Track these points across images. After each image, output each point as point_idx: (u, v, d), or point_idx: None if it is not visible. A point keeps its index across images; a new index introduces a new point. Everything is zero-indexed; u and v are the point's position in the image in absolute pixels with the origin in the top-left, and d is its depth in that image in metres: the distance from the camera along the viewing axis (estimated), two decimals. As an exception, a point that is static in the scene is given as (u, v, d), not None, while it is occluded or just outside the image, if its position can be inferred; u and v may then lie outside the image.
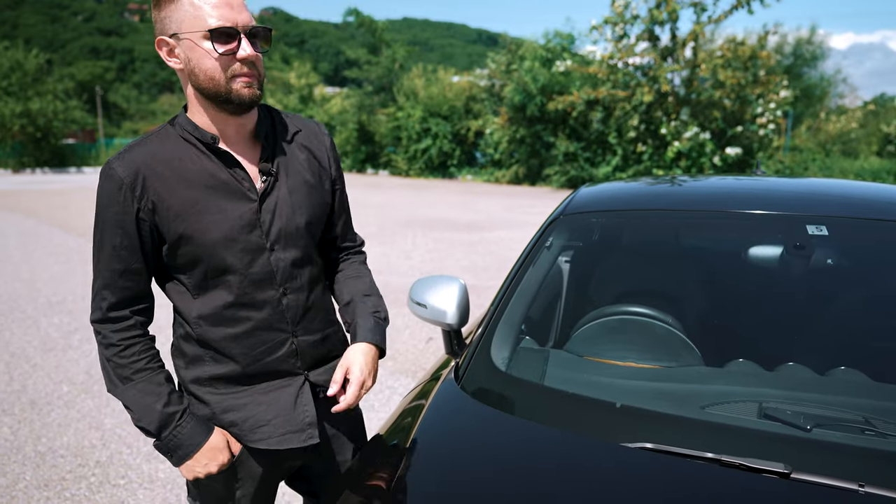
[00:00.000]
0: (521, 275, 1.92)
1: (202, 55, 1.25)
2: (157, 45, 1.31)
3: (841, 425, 1.32)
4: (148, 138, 1.35)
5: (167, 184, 1.30)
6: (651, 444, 1.28)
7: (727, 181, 2.28)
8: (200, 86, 1.29)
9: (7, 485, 2.99)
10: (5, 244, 9.38)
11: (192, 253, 1.33)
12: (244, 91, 1.28)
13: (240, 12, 1.26)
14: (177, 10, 1.25)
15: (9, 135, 27.01)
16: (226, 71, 1.26)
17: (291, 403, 1.42)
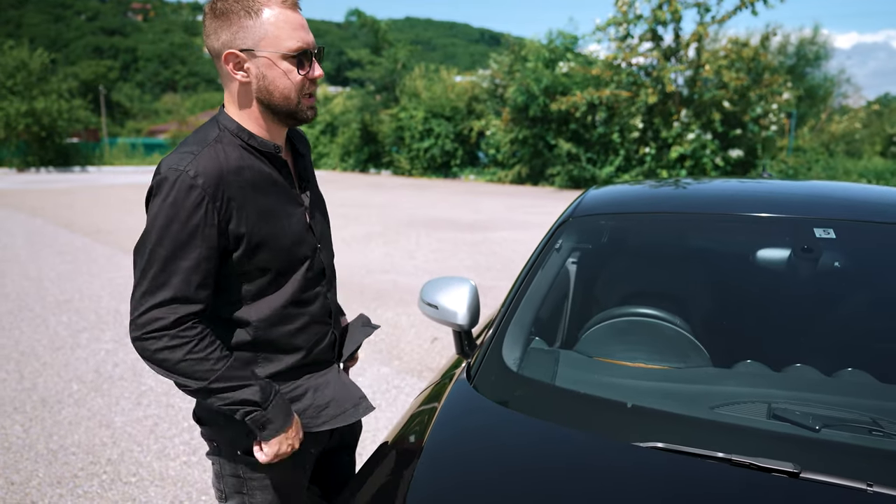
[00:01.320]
0: (531, 277, 1.94)
1: (280, 74, 1.29)
2: (223, 57, 1.28)
3: (849, 426, 1.35)
4: (209, 145, 1.31)
5: (243, 192, 1.30)
6: (662, 444, 1.31)
7: (734, 184, 2.31)
8: (272, 102, 1.32)
9: (21, 482, 3.03)
10: (12, 243, 9.43)
11: (267, 258, 1.35)
12: (310, 111, 1.37)
13: (309, 33, 1.32)
14: (255, 27, 1.26)
15: (14, 134, 27.10)
16: (300, 91, 1.33)
17: (341, 384, 1.52)
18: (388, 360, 4.67)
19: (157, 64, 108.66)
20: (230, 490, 1.49)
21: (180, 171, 1.25)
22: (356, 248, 9.05)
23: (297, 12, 1.31)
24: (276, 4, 1.28)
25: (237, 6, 1.26)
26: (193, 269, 1.26)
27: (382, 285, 6.90)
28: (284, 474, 1.47)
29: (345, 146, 27.22)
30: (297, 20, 1.30)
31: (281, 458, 1.39)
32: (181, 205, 1.24)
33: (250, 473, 1.45)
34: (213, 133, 1.34)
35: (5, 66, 27.31)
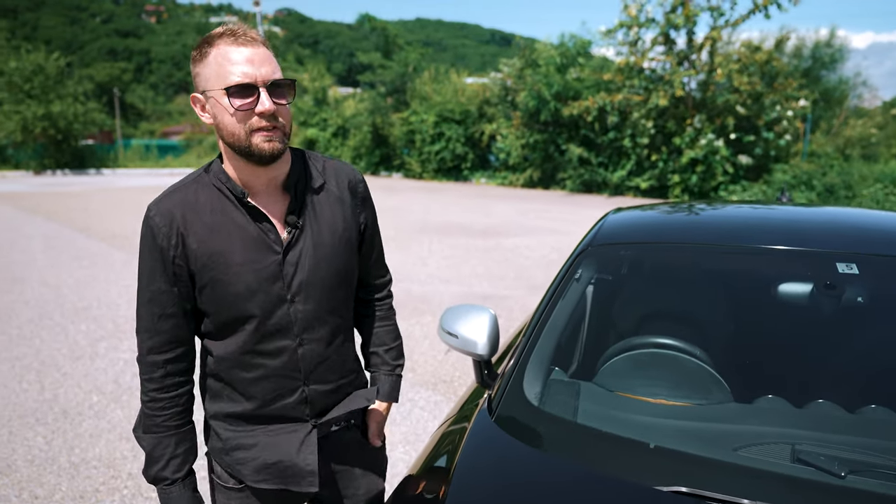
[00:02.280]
0: (551, 307, 1.96)
1: (222, 111, 1.30)
2: (192, 101, 1.37)
3: (875, 471, 1.35)
4: (185, 185, 1.41)
5: (198, 234, 1.36)
6: (686, 488, 1.32)
7: (755, 211, 2.31)
8: (225, 140, 1.34)
9: (45, 496, 3.08)
10: (29, 247, 9.55)
11: (216, 300, 1.39)
12: (264, 145, 1.30)
13: (260, 66, 1.28)
14: (205, 67, 1.31)
15: (31, 137, 27.42)
16: (245, 125, 1.29)
17: (296, 450, 1.46)
18: (403, 372, 4.69)
19: (170, 65, 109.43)
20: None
21: (148, 209, 1.39)
22: (369, 255, 9.08)
23: (246, 49, 1.28)
24: (224, 43, 1.29)
25: (196, 52, 1.32)
26: (152, 301, 1.39)
27: (396, 294, 6.87)
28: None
29: (356, 149, 27.30)
30: (240, 56, 1.28)
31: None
32: (143, 241, 1.39)
33: (217, 495, 1.56)
34: (198, 173, 1.43)
35: (23, 70, 27.63)
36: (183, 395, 1.46)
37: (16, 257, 8.82)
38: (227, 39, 1.28)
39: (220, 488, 1.53)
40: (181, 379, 1.45)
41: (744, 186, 16.57)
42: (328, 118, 28.86)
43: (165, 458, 1.43)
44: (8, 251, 9.25)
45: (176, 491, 1.43)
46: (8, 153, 28.46)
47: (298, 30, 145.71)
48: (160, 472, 1.43)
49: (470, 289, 7.27)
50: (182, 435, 1.45)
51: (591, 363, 1.98)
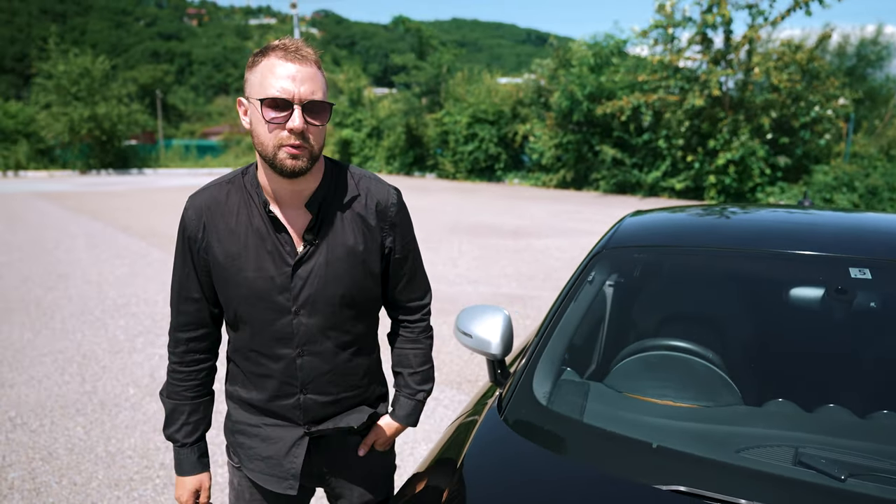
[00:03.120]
0: (563, 309, 1.99)
1: (258, 120, 1.34)
2: (237, 103, 1.42)
3: (876, 476, 1.35)
4: (220, 184, 1.49)
5: (220, 233, 1.44)
6: (684, 488, 1.35)
7: (772, 215, 2.30)
8: (256, 148, 1.38)
9: (82, 483, 3.23)
10: (74, 245, 9.91)
11: (226, 298, 1.48)
12: (287, 161, 1.33)
13: (300, 84, 1.30)
14: (252, 75, 1.36)
15: (77, 138, 28.38)
16: (274, 138, 1.32)
17: (285, 451, 1.52)
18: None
19: (211, 67, 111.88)
20: None
21: (187, 202, 1.49)
22: (399, 255, 9.18)
23: (296, 63, 1.31)
24: (275, 55, 1.32)
25: (250, 61, 1.38)
26: (180, 284, 1.51)
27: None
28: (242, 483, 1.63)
29: (390, 149, 27.52)
30: (284, 71, 1.30)
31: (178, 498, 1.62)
32: (179, 230, 1.50)
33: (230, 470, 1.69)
34: (235, 174, 1.51)
35: (70, 73, 28.61)
36: (202, 371, 1.58)
37: (61, 255, 9.17)
38: (279, 52, 1.32)
39: (229, 462, 1.67)
40: (201, 356, 1.57)
41: (782, 188, 16.20)
42: (363, 119, 29.15)
43: (179, 422, 1.57)
44: (53, 249, 9.63)
45: (185, 453, 1.58)
46: (56, 153, 29.49)
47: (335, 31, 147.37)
48: (174, 433, 1.58)
49: (498, 289, 7.31)
50: (196, 405, 1.58)
51: (602, 364, 2.01)
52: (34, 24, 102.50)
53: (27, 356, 5.02)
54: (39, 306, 6.44)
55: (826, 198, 15.05)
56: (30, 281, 7.52)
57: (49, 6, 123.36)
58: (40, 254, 9.21)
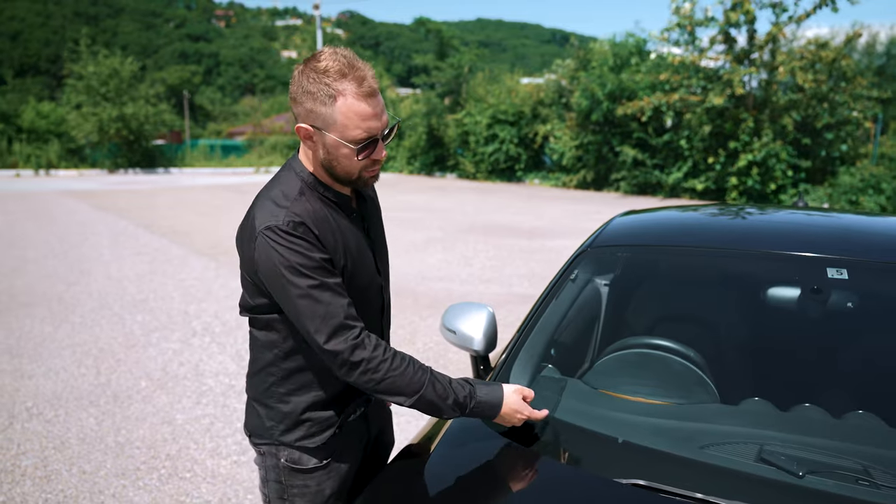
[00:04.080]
0: (544, 307, 2.02)
1: (343, 155, 1.41)
2: (296, 128, 1.43)
3: (836, 473, 1.36)
4: (296, 199, 1.45)
5: (328, 236, 1.46)
6: (644, 482, 1.37)
7: (760, 216, 2.30)
8: (334, 173, 1.46)
9: (91, 472, 3.34)
10: (98, 242, 10.16)
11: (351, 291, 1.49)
12: (370, 181, 1.50)
13: (381, 117, 1.40)
14: (327, 113, 1.37)
15: (106, 138, 28.98)
16: (360, 166, 1.44)
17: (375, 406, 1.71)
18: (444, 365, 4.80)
19: (238, 68, 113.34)
20: (273, 495, 1.63)
21: (280, 222, 1.40)
22: (414, 255, 9.24)
23: (371, 100, 1.37)
24: (351, 95, 1.35)
25: (318, 91, 1.37)
26: (338, 293, 1.42)
27: (437, 293, 7.05)
28: (322, 483, 1.60)
29: (411, 149, 27.63)
30: (367, 111, 1.37)
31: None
32: (300, 247, 1.39)
33: (291, 480, 1.59)
34: (296, 190, 1.47)
35: (100, 74, 29.23)
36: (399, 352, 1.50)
37: (85, 252, 9.41)
38: (352, 87, 1.35)
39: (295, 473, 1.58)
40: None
41: (806, 190, 15.93)
42: (384, 119, 29.20)
43: (445, 383, 1.46)
44: (79, 246, 9.88)
45: (477, 394, 1.48)
46: (86, 153, 30.16)
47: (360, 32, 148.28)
48: (457, 397, 1.45)
49: (510, 289, 7.32)
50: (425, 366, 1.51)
51: (582, 362, 2.03)
52: (68, 26, 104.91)
53: (47, 349, 5.18)
54: (61, 301, 6.63)
55: (852, 200, 14.76)
56: (53, 276, 7.74)
57: (82, 9, 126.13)
58: (66, 250, 9.45)
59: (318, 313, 1.38)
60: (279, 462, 1.59)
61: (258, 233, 1.40)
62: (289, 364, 1.54)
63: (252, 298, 1.52)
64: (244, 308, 1.57)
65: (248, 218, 1.48)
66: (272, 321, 1.52)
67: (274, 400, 1.56)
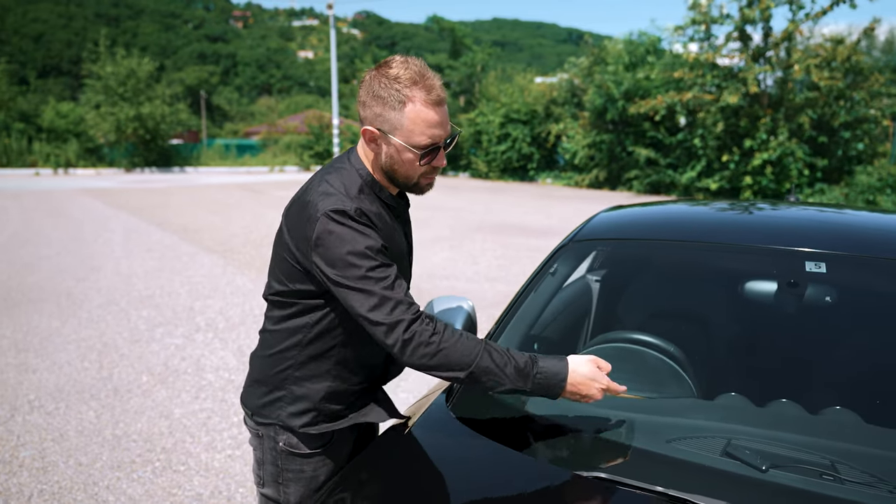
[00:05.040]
0: (522, 300, 2.01)
1: (406, 160, 1.46)
2: (362, 131, 1.47)
3: (799, 468, 1.34)
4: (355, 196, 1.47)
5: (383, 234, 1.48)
6: (605, 474, 1.35)
7: (744, 211, 2.26)
8: (395, 176, 1.50)
9: (87, 464, 3.38)
10: (110, 240, 10.29)
11: None
12: (427, 188, 1.54)
13: (445, 126, 1.45)
14: (395, 117, 1.42)
15: (123, 137, 29.37)
16: (421, 171, 1.48)
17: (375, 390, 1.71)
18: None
19: (255, 68, 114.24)
20: (268, 478, 1.64)
21: (337, 209, 1.42)
22: (420, 253, 9.24)
23: (439, 109, 1.43)
24: (420, 101, 1.41)
25: (386, 93, 1.41)
26: (395, 270, 1.44)
27: (441, 291, 7.04)
28: (318, 468, 1.61)
29: (425, 149, 27.65)
30: (434, 118, 1.42)
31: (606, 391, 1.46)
32: (357, 229, 1.41)
33: (287, 465, 1.60)
34: (356, 182, 1.50)
35: (118, 74, 29.61)
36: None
37: (97, 248, 9.53)
38: (422, 94, 1.40)
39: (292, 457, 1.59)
40: None
41: (822, 189, 15.70)
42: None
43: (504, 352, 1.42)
44: (91, 243, 10.01)
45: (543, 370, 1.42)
46: (104, 152, 30.57)
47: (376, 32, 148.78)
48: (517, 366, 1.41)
49: (514, 287, 7.29)
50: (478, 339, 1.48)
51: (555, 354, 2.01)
52: (89, 27, 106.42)
53: (52, 343, 5.25)
54: (70, 296, 6.72)
55: (869, 199, 14.53)
56: (64, 273, 7.85)
57: (103, 10, 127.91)
58: (78, 247, 9.58)
59: (378, 290, 1.39)
60: (277, 445, 1.60)
61: (323, 213, 1.41)
62: (311, 350, 1.55)
63: (291, 283, 1.51)
64: (276, 294, 1.56)
65: (306, 201, 1.47)
66: (309, 306, 1.52)
67: (289, 382, 1.57)
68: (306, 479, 1.60)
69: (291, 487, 1.61)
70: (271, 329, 1.59)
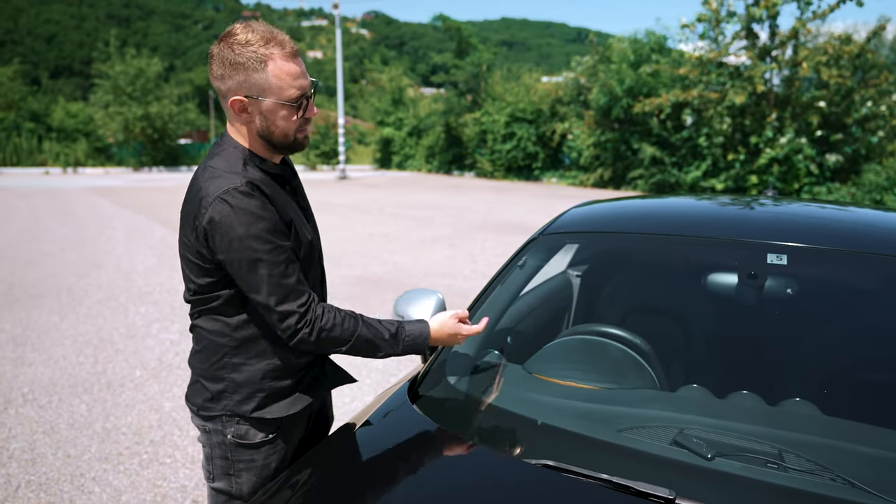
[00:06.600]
0: (490, 292, 2.02)
1: (280, 118, 1.47)
2: (230, 103, 1.46)
3: (745, 457, 1.34)
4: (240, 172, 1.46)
5: (276, 204, 1.48)
6: (552, 462, 1.36)
7: (713, 204, 2.27)
8: (273, 139, 1.50)
9: (76, 455, 3.42)
10: (114, 237, 10.37)
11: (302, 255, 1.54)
12: (305, 141, 1.55)
13: (306, 77, 1.48)
14: (260, 77, 1.43)
15: (131, 136, 29.60)
16: (295, 126, 1.50)
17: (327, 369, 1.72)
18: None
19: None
20: (218, 472, 1.64)
21: (231, 189, 1.41)
22: (420, 251, 9.27)
23: (297, 60, 1.46)
24: (279, 56, 1.43)
25: (243, 58, 1.42)
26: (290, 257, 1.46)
27: (437, 289, 7.05)
28: (269, 457, 1.61)
29: (430, 148, 27.69)
30: (296, 70, 1.45)
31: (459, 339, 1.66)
32: (252, 210, 1.41)
33: (237, 455, 1.61)
34: (239, 165, 1.49)
35: (127, 73, 29.84)
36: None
37: (100, 246, 9.62)
38: (278, 49, 1.43)
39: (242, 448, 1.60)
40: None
41: (829, 188, 15.58)
42: (404, 118, 29.40)
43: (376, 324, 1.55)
44: (95, 240, 10.10)
45: (407, 333, 1.58)
46: (112, 151, 30.81)
47: (385, 32, 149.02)
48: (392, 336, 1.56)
49: (512, 286, 7.29)
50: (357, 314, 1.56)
51: (528, 347, 2.02)
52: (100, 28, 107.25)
53: (50, 338, 5.30)
54: (70, 293, 6.78)
55: (876, 199, 14.41)
56: (66, 269, 7.92)
57: (114, 11, 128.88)
58: (82, 245, 9.67)
59: (272, 276, 1.41)
60: (225, 438, 1.61)
61: (215, 198, 1.41)
62: (241, 334, 1.54)
63: (203, 278, 1.51)
64: (194, 293, 1.54)
65: (196, 191, 1.47)
66: (229, 295, 1.51)
67: (227, 371, 1.57)
68: (258, 467, 1.61)
69: (244, 477, 1.61)
70: (199, 325, 1.58)
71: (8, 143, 29.11)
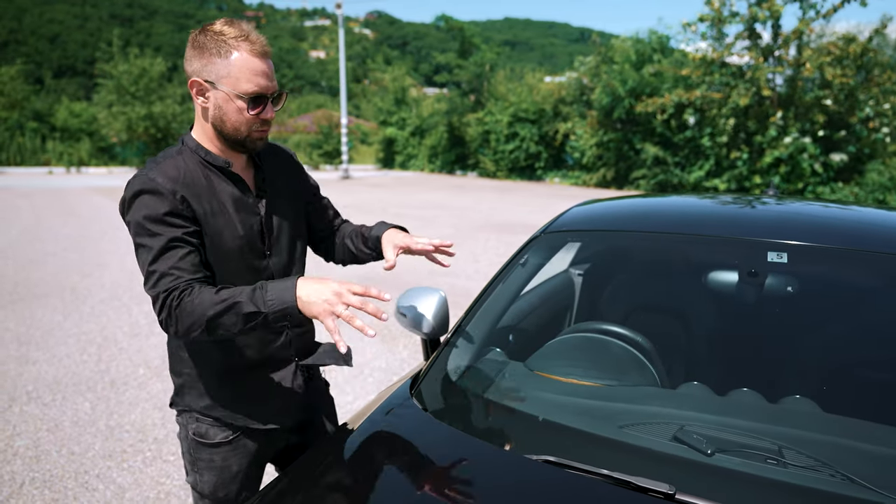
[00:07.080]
0: (491, 290, 2.03)
1: (233, 110, 1.48)
2: (189, 84, 1.50)
3: (745, 453, 1.35)
4: (172, 157, 1.52)
5: (197, 195, 1.50)
6: (553, 458, 1.37)
7: (713, 203, 2.27)
8: (223, 130, 1.51)
9: (80, 453, 3.43)
10: (117, 237, 10.40)
11: (214, 256, 1.52)
12: (258, 143, 1.54)
13: (271, 80, 1.50)
14: (221, 65, 1.46)
15: (135, 136, 29.65)
16: (248, 124, 1.50)
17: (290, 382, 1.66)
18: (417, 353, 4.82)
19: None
20: (188, 466, 1.69)
21: (145, 177, 1.46)
22: (423, 250, 9.27)
23: (264, 60, 1.48)
24: (245, 51, 1.46)
25: (212, 44, 1.46)
26: (175, 246, 1.42)
27: (440, 287, 7.06)
28: (228, 458, 1.63)
29: (432, 148, 27.70)
30: (259, 67, 1.47)
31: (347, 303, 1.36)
32: (151, 202, 1.44)
33: (198, 454, 1.64)
34: (176, 149, 1.57)
35: (130, 73, 29.89)
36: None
37: (104, 245, 9.65)
38: (246, 46, 1.45)
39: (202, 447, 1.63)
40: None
41: (833, 188, 15.55)
42: (407, 118, 29.41)
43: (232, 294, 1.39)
44: (98, 240, 10.13)
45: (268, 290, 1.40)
46: (115, 150, 30.88)
47: (388, 32, 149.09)
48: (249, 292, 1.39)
49: (515, 285, 7.30)
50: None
51: (530, 345, 2.03)
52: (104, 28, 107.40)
53: (54, 337, 5.33)
54: (74, 292, 6.81)
55: (879, 199, 14.38)
56: (70, 268, 7.95)
57: (118, 11, 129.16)
58: (86, 244, 9.70)
59: (145, 262, 1.43)
60: (188, 434, 1.64)
61: (129, 193, 1.47)
62: None
63: None
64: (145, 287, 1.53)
65: None
66: None
67: (181, 365, 1.62)
68: (217, 468, 1.62)
69: (205, 476, 1.64)
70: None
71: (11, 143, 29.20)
